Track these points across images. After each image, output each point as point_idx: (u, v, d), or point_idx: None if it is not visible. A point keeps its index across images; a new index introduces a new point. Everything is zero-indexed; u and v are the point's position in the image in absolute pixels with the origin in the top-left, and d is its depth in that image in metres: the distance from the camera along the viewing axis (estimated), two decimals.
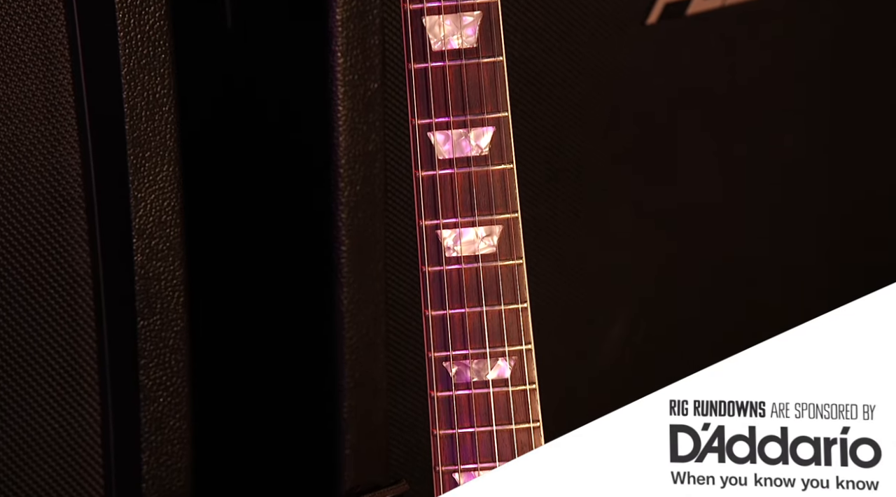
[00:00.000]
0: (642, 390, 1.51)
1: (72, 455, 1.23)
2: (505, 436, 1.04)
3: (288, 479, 1.39)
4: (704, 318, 1.53)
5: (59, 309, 1.20)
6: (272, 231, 1.35)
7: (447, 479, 1.04)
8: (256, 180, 1.35)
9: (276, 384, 1.39)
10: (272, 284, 1.37)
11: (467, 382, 1.03)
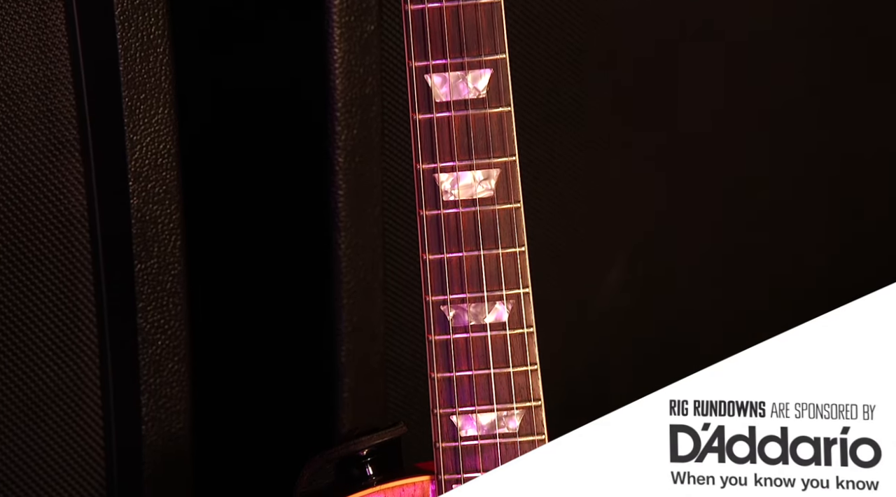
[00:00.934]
0: (640, 334, 1.51)
1: (72, 398, 1.23)
2: (502, 379, 1.03)
3: (287, 422, 1.39)
4: (703, 261, 1.53)
5: (57, 252, 1.20)
6: (269, 176, 1.35)
7: (445, 422, 1.04)
8: (253, 126, 1.34)
9: (274, 329, 1.39)
10: (270, 230, 1.37)
11: (465, 326, 1.03)
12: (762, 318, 1.57)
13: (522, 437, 1.03)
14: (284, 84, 1.29)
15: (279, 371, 1.39)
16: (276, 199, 1.34)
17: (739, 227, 1.54)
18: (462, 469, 1.03)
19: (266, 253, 1.38)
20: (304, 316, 1.34)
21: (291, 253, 1.34)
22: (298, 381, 1.37)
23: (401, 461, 1.09)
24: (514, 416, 1.03)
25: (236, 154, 1.37)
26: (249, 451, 1.43)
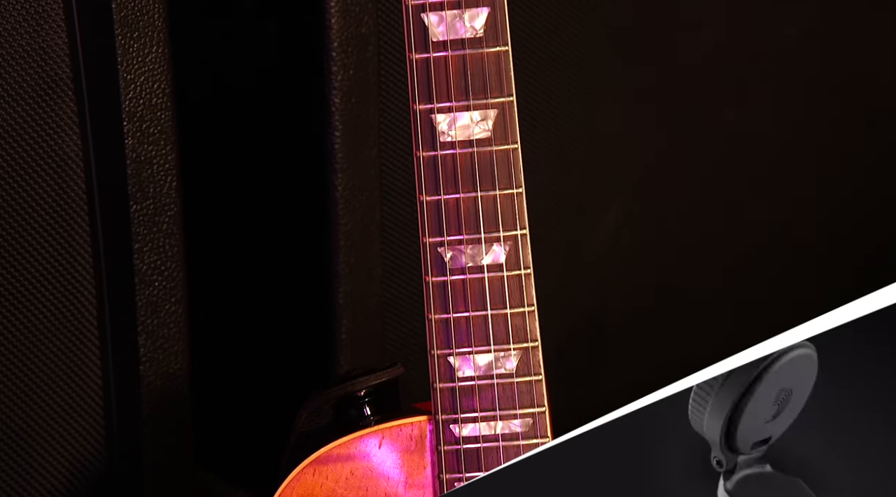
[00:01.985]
0: (637, 275, 1.51)
1: (70, 339, 1.22)
2: (500, 320, 1.03)
3: (285, 363, 1.39)
4: (701, 202, 1.52)
5: (52, 194, 1.19)
6: (265, 118, 1.34)
7: (442, 363, 1.03)
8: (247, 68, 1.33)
9: (272, 271, 1.39)
10: (267, 172, 1.36)
11: (462, 267, 1.03)
12: (761, 259, 1.57)
13: (519, 377, 1.03)
14: (279, 25, 1.27)
15: (277, 313, 1.39)
16: (272, 141, 1.34)
17: (738, 167, 1.53)
18: (459, 409, 1.03)
19: (263, 195, 1.37)
20: (301, 258, 1.33)
21: (289, 195, 1.33)
22: (296, 322, 1.36)
23: (398, 402, 1.09)
24: (511, 357, 1.03)
25: (231, 96, 1.36)
26: (248, 392, 1.43)
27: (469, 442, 1.04)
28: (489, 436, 1.04)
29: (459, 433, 1.04)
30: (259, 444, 1.38)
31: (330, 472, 1.05)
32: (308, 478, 1.05)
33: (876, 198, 1.63)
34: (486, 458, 1.04)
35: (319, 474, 1.05)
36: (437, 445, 1.04)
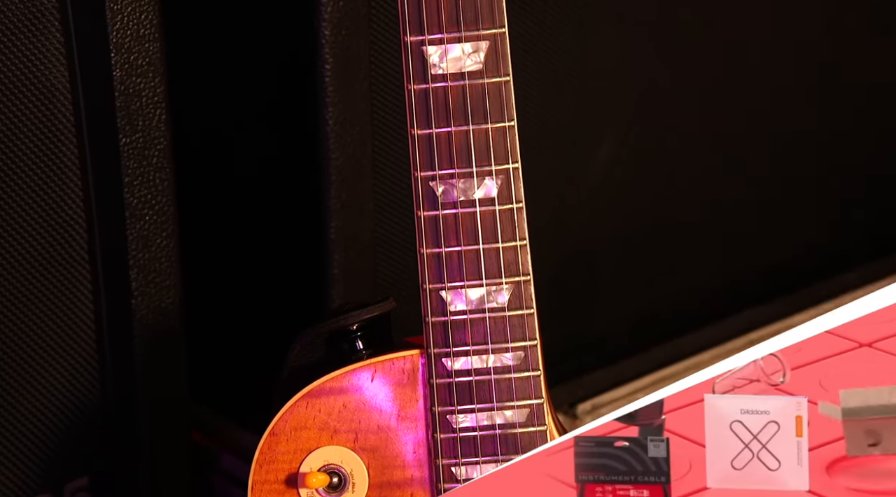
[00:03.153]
0: (630, 210, 1.50)
1: (61, 272, 1.21)
2: (491, 254, 1.03)
3: (278, 298, 1.39)
4: (695, 136, 1.51)
5: (40, 126, 1.17)
6: (254, 51, 1.33)
7: (434, 297, 1.03)
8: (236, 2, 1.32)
9: (264, 206, 1.38)
10: (256, 107, 1.35)
11: (454, 201, 1.02)
12: (754, 192, 1.56)
13: (511, 311, 1.03)
14: None
15: (270, 249, 1.39)
16: (261, 75, 1.33)
17: (735, 101, 1.52)
18: (451, 343, 1.03)
19: (253, 130, 1.36)
20: (293, 194, 1.33)
21: (279, 130, 1.33)
22: (289, 258, 1.36)
23: (390, 336, 1.09)
24: (503, 291, 1.03)
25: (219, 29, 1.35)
26: (240, 327, 1.43)
27: (461, 375, 1.04)
28: (481, 369, 1.04)
29: (451, 367, 1.04)
30: (253, 379, 1.37)
31: (323, 405, 1.05)
32: (301, 411, 1.05)
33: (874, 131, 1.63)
34: (478, 391, 1.04)
35: (312, 407, 1.05)
36: (429, 379, 1.04)
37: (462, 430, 1.04)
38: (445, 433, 1.04)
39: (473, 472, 1.04)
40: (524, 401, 1.04)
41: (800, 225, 1.60)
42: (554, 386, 1.38)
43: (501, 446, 1.04)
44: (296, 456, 1.05)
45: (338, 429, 1.05)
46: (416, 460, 1.05)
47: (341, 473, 1.05)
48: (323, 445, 1.05)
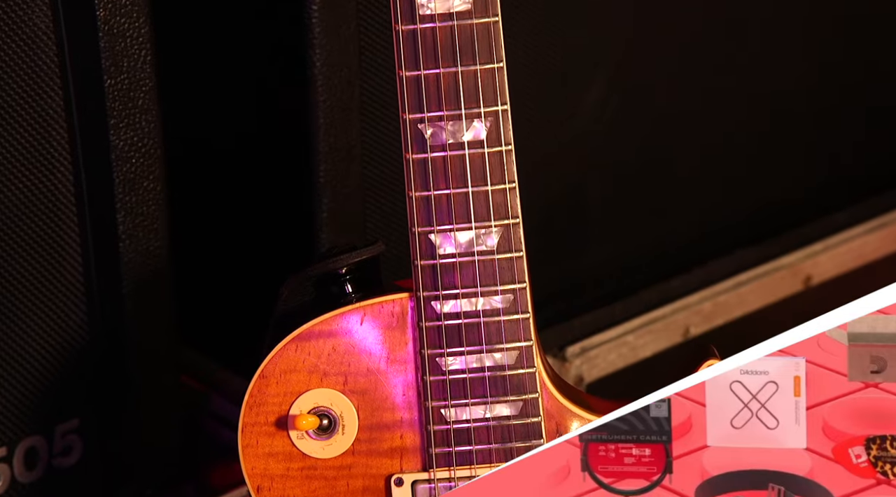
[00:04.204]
0: (618, 153, 1.49)
1: (47, 216, 1.20)
2: (481, 197, 1.02)
3: (267, 242, 1.38)
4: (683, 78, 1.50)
5: (24, 67, 1.16)
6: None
7: (423, 240, 1.03)
8: None
9: (252, 151, 1.37)
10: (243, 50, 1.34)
11: (443, 144, 1.01)
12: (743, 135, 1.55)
13: (500, 254, 1.03)
14: None
15: (259, 193, 1.38)
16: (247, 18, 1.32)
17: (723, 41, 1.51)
18: (440, 286, 1.03)
19: (241, 73, 1.35)
20: (281, 137, 1.32)
21: (266, 72, 1.32)
22: (278, 202, 1.35)
23: (380, 279, 1.08)
24: (492, 234, 1.02)
25: None
26: (230, 271, 1.43)
27: (450, 318, 1.03)
28: (470, 312, 1.03)
29: (440, 310, 1.03)
30: (243, 323, 1.37)
31: (312, 349, 1.05)
32: (290, 354, 1.05)
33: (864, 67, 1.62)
34: (467, 334, 1.03)
35: (302, 350, 1.05)
36: (418, 322, 1.04)
37: (451, 373, 1.04)
38: (435, 375, 1.04)
39: (463, 414, 1.04)
40: (513, 343, 1.03)
41: (790, 164, 1.59)
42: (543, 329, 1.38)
43: (490, 388, 1.04)
44: (285, 398, 1.05)
45: (327, 372, 1.05)
46: (406, 402, 1.05)
47: (331, 416, 1.05)
48: (312, 388, 1.05)
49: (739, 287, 1.55)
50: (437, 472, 1.05)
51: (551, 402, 1.05)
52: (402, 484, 1.06)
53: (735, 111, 1.54)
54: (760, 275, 1.56)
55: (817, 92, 1.58)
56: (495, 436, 1.05)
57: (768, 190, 1.59)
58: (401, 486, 1.06)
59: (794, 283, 1.58)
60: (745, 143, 1.56)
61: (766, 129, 1.57)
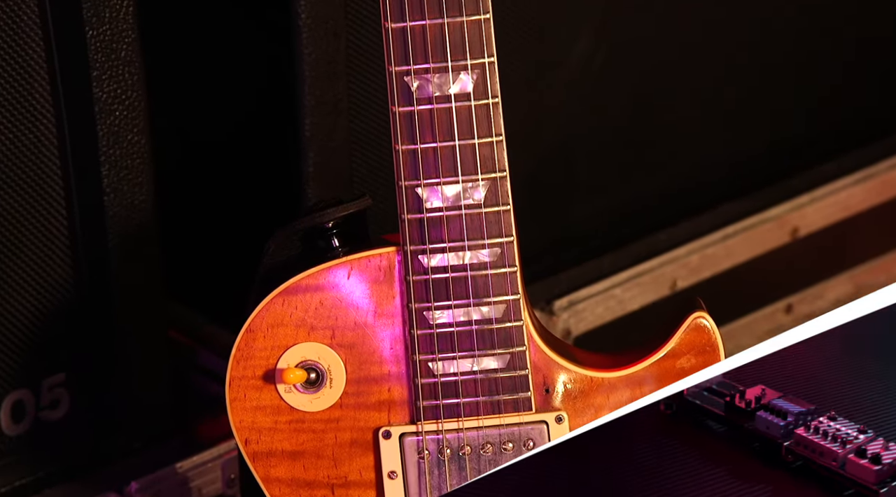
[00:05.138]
0: (607, 105, 1.48)
1: (31, 169, 1.19)
2: (468, 150, 1.01)
3: (253, 197, 1.38)
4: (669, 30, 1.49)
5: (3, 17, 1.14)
6: None
7: (410, 194, 1.02)
8: None
9: (238, 105, 1.36)
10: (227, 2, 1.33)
11: (429, 97, 1.00)
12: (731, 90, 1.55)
13: (487, 207, 1.02)
14: None
15: (245, 147, 1.37)
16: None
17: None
18: (427, 240, 1.02)
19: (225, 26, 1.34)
20: (267, 91, 1.31)
21: (251, 27, 1.30)
22: (264, 156, 1.34)
23: (366, 233, 1.07)
24: (479, 188, 1.02)
25: None
26: (217, 225, 1.42)
27: (437, 272, 1.03)
28: (457, 266, 1.03)
29: (428, 263, 1.03)
30: (230, 277, 1.36)
31: (299, 303, 1.04)
32: (277, 308, 1.04)
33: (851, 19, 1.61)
34: (455, 287, 1.03)
35: (289, 304, 1.04)
36: (405, 276, 1.03)
37: (439, 326, 1.03)
38: (422, 329, 1.03)
39: (450, 367, 1.03)
40: (500, 297, 1.03)
41: (776, 117, 1.58)
42: (531, 283, 1.38)
43: (478, 342, 1.03)
44: (273, 352, 1.04)
45: (315, 325, 1.04)
46: (394, 356, 1.04)
47: (318, 369, 1.04)
48: (300, 342, 1.04)
49: (726, 239, 1.54)
50: (425, 424, 1.05)
51: (538, 355, 1.05)
52: (390, 437, 1.05)
53: (720, 64, 1.53)
54: (747, 227, 1.56)
55: (802, 42, 1.57)
56: (483, 389, 1.04)
57: (755, 142, 1.58)
58: (388, 438, 1.05)
59: (781, 234, 1.58)
60: (731, 95, 1.55)
61: (752, 81, 1.56)
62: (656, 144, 1.52)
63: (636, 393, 1.06)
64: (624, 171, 1.50)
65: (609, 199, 1.50)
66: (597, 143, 1.48)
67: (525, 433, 1.05)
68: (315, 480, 1.06)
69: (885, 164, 1.64)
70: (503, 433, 1.05)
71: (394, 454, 1.05)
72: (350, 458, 1.06)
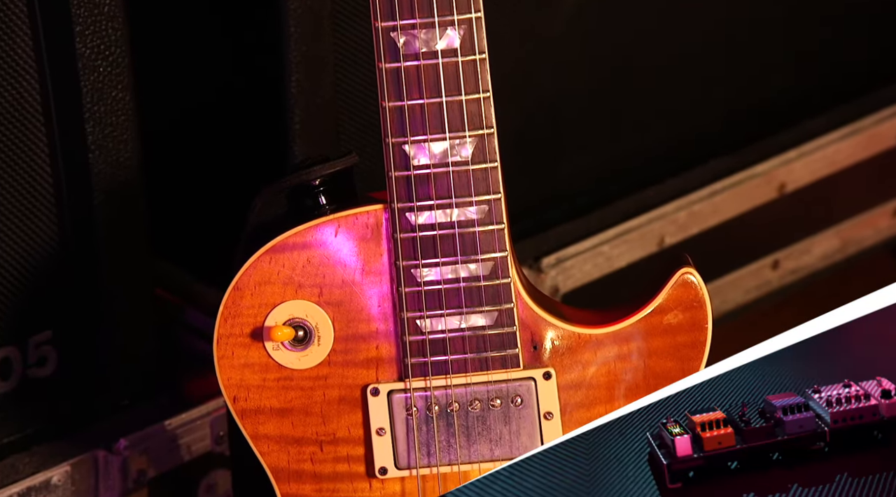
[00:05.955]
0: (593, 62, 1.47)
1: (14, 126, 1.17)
2: (455, 106, 1.00)
3: (240, 154, 1.37)
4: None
5: None
6: None
7: (397, 151, 1.01)
8: None
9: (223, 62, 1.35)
10: None
11: (416, 53, 0.99)
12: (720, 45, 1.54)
13: (475, 164, 1.01)
14: None
15: (231, 104, 1.36)
16: None
17: None
18: (415, 197, 1.01)
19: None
20: (254, 47, 1.30)
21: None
22: (250, 113, 1.33)
23: (354, 191, 1.07)
24: (466, 145, 1.01)
25: None
26: (204, 183, 1.41)
27: (425, 229, 1.02)
28: (445, 223, 1.02)
29: (415, 221, 1.02)
30: (217, 235, 1.36)
31: (286, 260, 1.03)
32: (265, 265, 1.04)
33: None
34: (442, 245, 1.02)
35: (276, 262, 1.03)
36: (393, 233, 1.02)
37: (426, 284, 1.03)
38: (410, 287, 1.03)
39: (438, 325, 1.03)
40: (488, 254, 1.02)
41: (763, 72, 1.58)
42: (519, 240, 1.37)
43: (466, 299, 1.03)
44: (260, 310, 1.04)
45: (302, 283, 1.04)
46: (382, 314, 1.04)
47: (306, 327, 1.04)
48: (287, 300, 1.04)
49: (714, 196, 1.54)
50: (413, 381, 1.04)
51: (526, 312, 1.04)
52: (378, 394, 1.05)
53: (708, 19, 1.52)
54: (735, 183, 1.55)
55: None
56: (470, 345, 1.04)
57: (742, 98, 1.57)
58: (377, 395, 1.05)
59: (769, 190, 1.57)
60: (719, 51, 1.54)
61: (740, 36, 1.55)
62: (643, 101, 1.51)
63: (624, 349, 1.05)
64: (612, 128, 1.50)
65: (597, 156, 1.49)
66: (585, 100, 1.47)
67: (513, 389, 1.05)
68: (303, 437, 1.05)
69: (872, 118, 1.63)
70: (491, 389, 1.05)
71: (382, 411, 1.05)
72: (338, 415, 1.05)
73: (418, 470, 1.05)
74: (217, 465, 1.30)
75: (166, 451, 1.28)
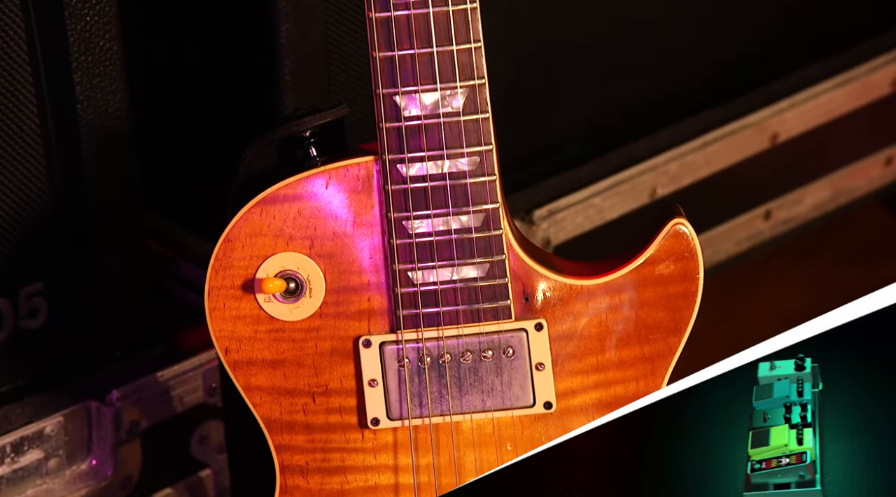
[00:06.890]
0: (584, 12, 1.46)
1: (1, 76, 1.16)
2: (446, 57, 0.99)
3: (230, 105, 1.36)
4: None
5: None
6: None
7: (388, 102, 1.00)
8: None
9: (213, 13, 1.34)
10: None
11: (406, 2, 0.98)
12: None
13: (466, 115, 1.00)
14: None
15: (221, 54, 1.35)
16: None
17: None
18: (406, 149, 1.00)
19: None
20: None
21: None
22: (240, 64, 1.32)
23: (344, 143, 1.06)
24: (457, 95, 1.00)
25: None
26: (194, 135, 1.40)
27: (416, 181, 1.01)
28: (436, 175, 1.01)
29: (406, 173, 1.01)
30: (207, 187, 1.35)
31: (277, 212, 1.03)
32: (255, 217, 1.03)
33: None
34: (434, 196, 1.01)
35: (267, 214, 1.03)
36: (384, 185, 1.02)
37: (418, 236, 1.02)
38: (401, 239, 1.02)
39: (430, 276, 1.02)
40: (480, 206, 1.02)
41: (754, 21, 1.56)
42: (510, 193, 1.36)
43: (457, 251, 1.02)
44: (251, 262, 1.03)
45: (293, 235, 1.03)
46: (373, 266, 1.03)
47: (298, 279, 1.03)
48: (279, 252, 1.03)
49: (706, 147, 1.53)
50: (405, 333, 1.04)
51: (518, 264, 1.04)
52: (370, 345, 1.05)
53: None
54: (727, 134, 1.54)
55: None
56: (462, 297, 1.03)
57: (733, 47, 1.56)
58: (369, 347, 1.05)
59: (761, 140, 1.56)
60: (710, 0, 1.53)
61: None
62: (635, 52, 1.50)
63: (615, 300, 1.05)
64: (603, 79, 1.49)
65: (588, 107, 1.48)
66: (576, 50, 1.46)
67: (505, 341, 1.04)
68: (296, 389, 1.05)
69: (866, 66, 1.62)
70: (483, 341, 1.04)
71: (374, 362, 1.05)
72: (330, 366, 1.05)
73: (410, 421, 1.05)
74: (210, 416, 1.30)
75: (159, 403, 1.27)
